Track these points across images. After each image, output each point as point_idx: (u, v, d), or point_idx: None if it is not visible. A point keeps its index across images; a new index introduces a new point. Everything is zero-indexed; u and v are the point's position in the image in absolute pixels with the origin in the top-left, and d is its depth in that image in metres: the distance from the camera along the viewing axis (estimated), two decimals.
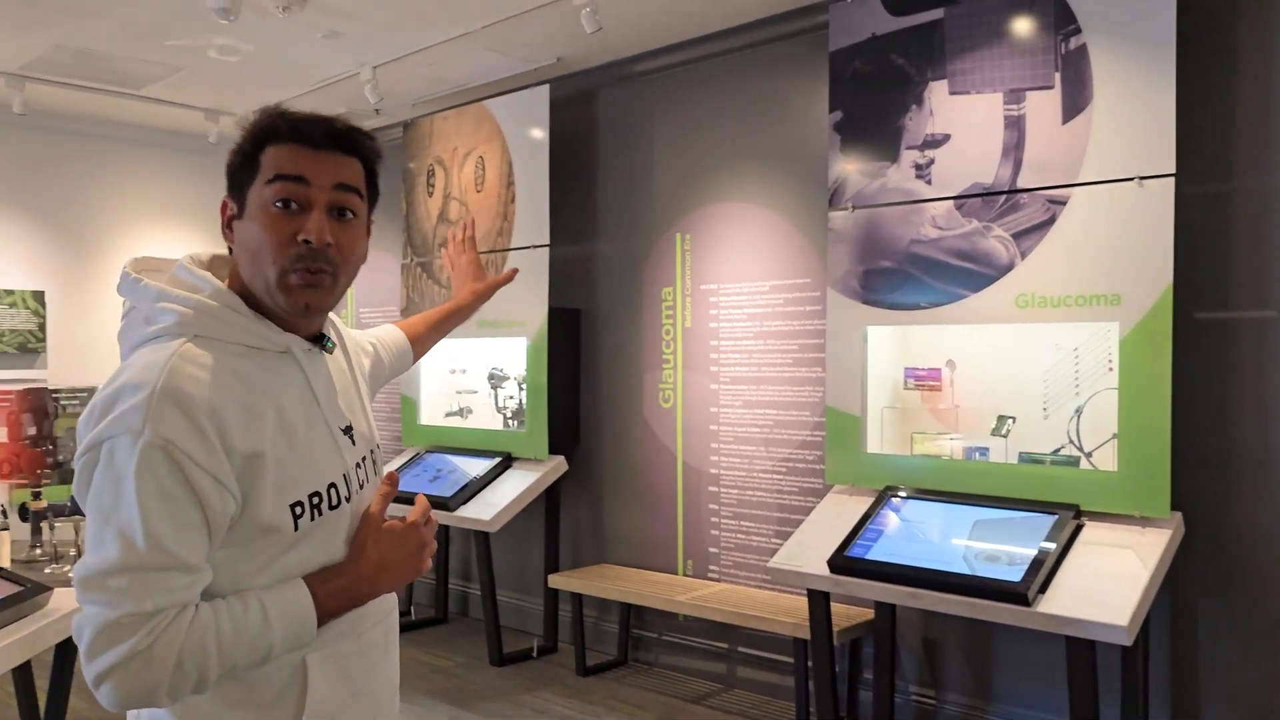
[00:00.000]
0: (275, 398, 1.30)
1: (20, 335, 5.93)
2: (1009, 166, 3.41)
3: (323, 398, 1.38)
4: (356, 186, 1.35)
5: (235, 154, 1.34)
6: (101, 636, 1.14)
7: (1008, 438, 3.58)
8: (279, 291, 1.29)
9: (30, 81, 5.27)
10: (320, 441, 1.35)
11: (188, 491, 1.17)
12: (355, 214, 1.34)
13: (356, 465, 1.41)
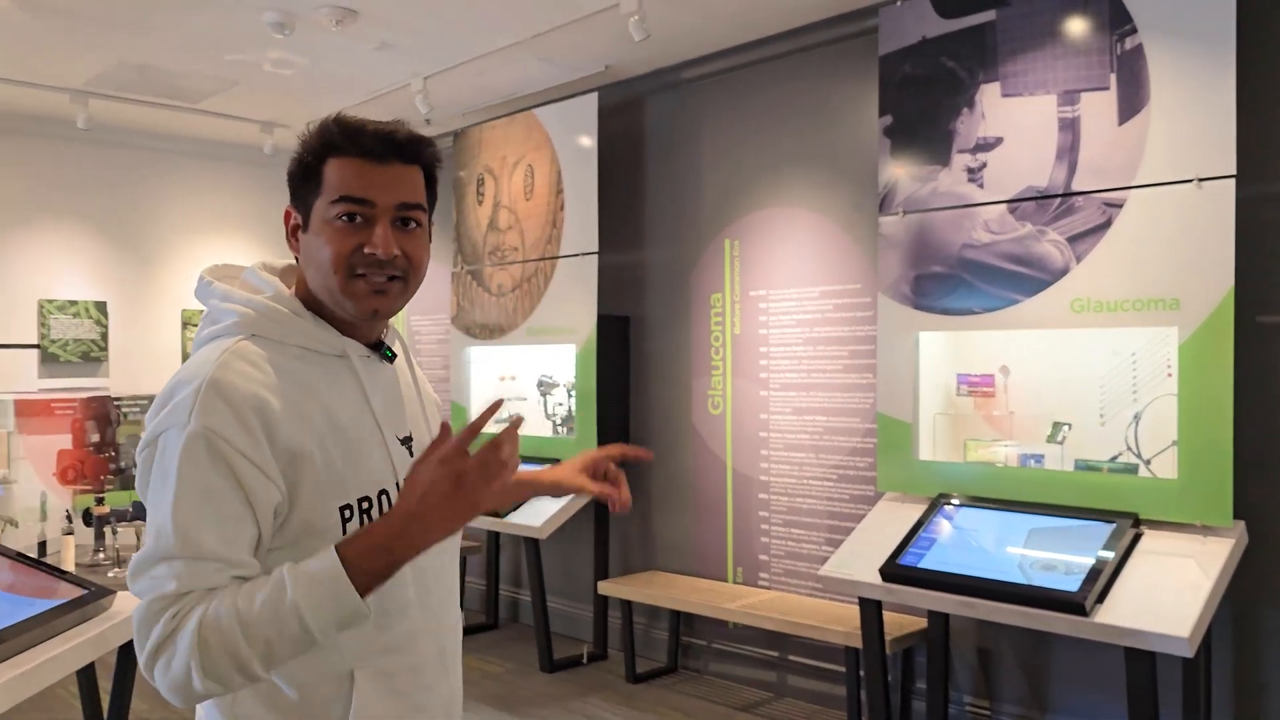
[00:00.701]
0: (326, 400, 1.30)
1: (84, 344, 6.08)
2: (1063, 169, 3.36)
3: (379, 405, 1.37)
4: (419, 201, 1.35)
5: (296, 164, 1.35)
6: (142, 625, 1.17)
7: (1063, 445, 3.52)
8: (346, 298, 1.32)
9: (94, 97, 5.42)
10: (373, 448, 1.34)
11: (231, 482, 1.19)
12: (419, 224, 1.36)
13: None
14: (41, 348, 5.94)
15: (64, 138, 5.95)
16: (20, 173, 5.92)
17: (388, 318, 1.39)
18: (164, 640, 1.15)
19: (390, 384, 1.42)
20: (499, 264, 5.58)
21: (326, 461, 1.27)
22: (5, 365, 5.78)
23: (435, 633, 1.41)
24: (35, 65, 4.97)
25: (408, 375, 1.49)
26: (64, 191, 6.08)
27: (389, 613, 1.33)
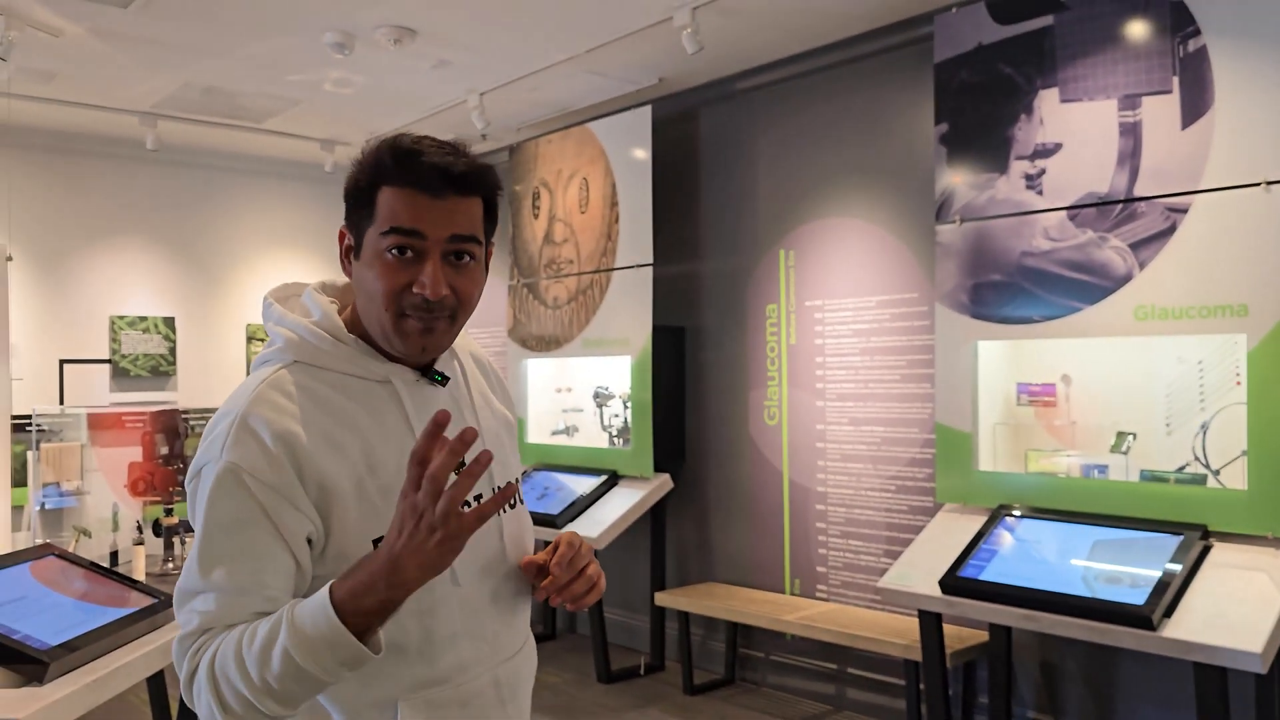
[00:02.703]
0: (365, 429, 1.28)
1: (153, 359, 6.25)
2: (1125, 175, 3.30)
3: (402, 434, 1.31)
4: (473, 234, 1.30)
5: (351, 186, 1.32)
6: (175, 659, 1.22)
7: (1128, 455, 3.45)
8: (395, 336, 1.29)
9: (161, 119, 5.57)
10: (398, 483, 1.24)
11: (259, 514, 1.19)
12: (473, 257, 1.31)
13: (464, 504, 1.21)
14: (113, 362, 6.11)
15: (133, 158, 6.13)
16: (92, 193, 6.11)
17: (437, 354, 1.36)
18: (189, 676, 1.18)
19: (427, 407, 1.35)
20: (555, 277, 5.62)
21: (361, 492, 1.25)
22: (79, 380, 5.95)
23: (490, 665, 1.35)
24: (107, 89, 5.13)
25: (467, 398, 1.43)
26: (133, 210, 6.26)
27: (434, 644, 1.29)
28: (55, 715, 2.11)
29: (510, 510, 1.42)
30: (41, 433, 3.51)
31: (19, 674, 2.20)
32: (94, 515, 3.56)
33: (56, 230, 5.97)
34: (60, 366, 5.90)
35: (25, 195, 5.79)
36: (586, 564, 1.38)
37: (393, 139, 1.29)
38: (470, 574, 1.33)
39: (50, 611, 2.47)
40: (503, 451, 1.44)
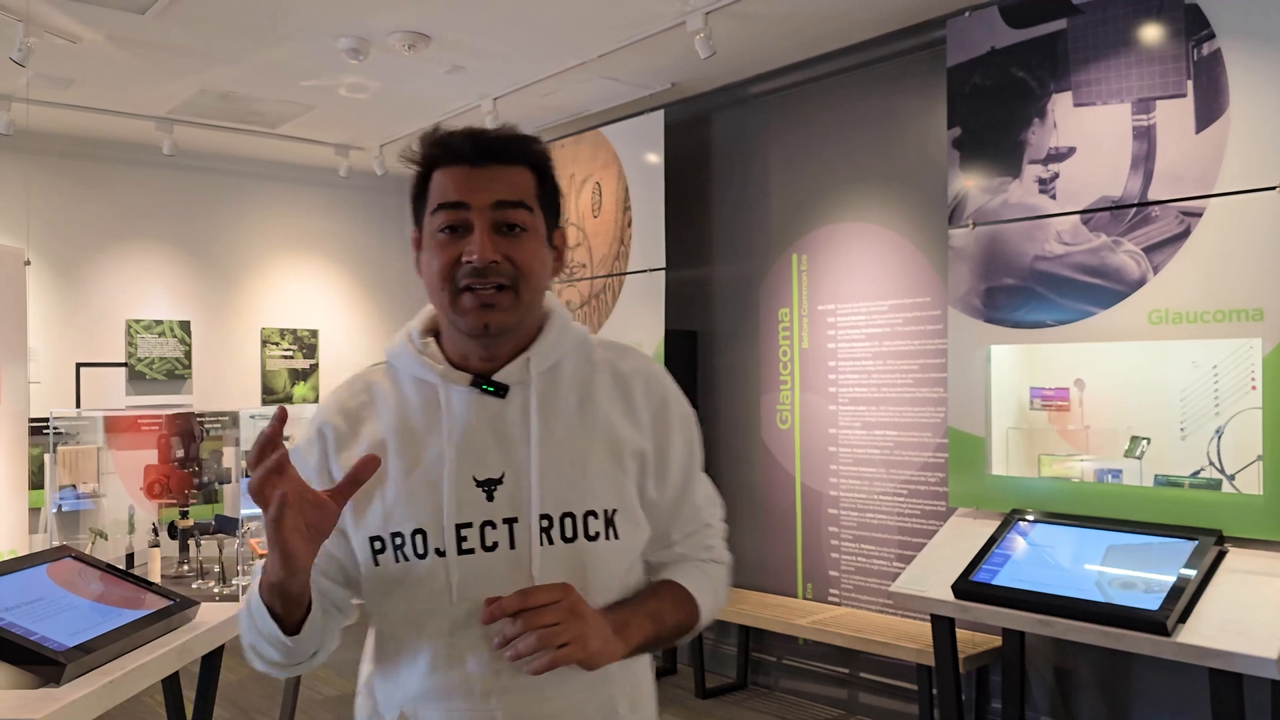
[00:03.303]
0: (416, 430, 1.29)
1: (169, 363, 6.29)
2: (1138, 179, 3.29)
3: (461, 441, 1.28)
4: (520, 199, 1.27)
5: (413, 184, 1.33)
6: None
7: (1142, 459, 3.44)
8: (456, 315, 1.27)
9: (178, 124, 5.61)
10: (431, 485, 1.27)
11: None
12: (524, 227, 1.27)
13: (483, 524, 1.26)
14: (129, 366, 6.16)
15: (150, 163, 6.18)
16: (109, 197, 6.16)
17: (502, 334, 1.28)
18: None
19: (494, 419, 1.29)
20: (567, 281, 5.63)
21: (380, 491, 1.27)
22: (96, 383, 6.00)
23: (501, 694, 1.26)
24: (124, 95, 5.17)
25: (527, 409, 1.31)
26: (150, 215, 6.30)
27: (438, 658, 1.27)
28: (71, 716, 2.13)
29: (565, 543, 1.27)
30: (58, 435, 3.54)
31: (36, 675, 2.21)
32: (110, 517, 3.58)
33: (74, 235, 6.02)
34: (77, 370, 5.94)
35: (43, 200, 5.84)
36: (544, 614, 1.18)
37: (435, 128, 1.32)
38: (471, 595, 1.25)
39: (67, 613, 2.49)
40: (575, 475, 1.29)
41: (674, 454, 1.37)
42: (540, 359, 1.32)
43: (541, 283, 1.31)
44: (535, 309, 1.32)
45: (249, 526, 3.47)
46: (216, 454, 3.82)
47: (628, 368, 1.38)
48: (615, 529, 1.29)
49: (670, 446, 1.37)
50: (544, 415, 1.30)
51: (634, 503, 1.32)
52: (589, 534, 1.27)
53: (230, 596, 3.10)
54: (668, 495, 1.37)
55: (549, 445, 1.29)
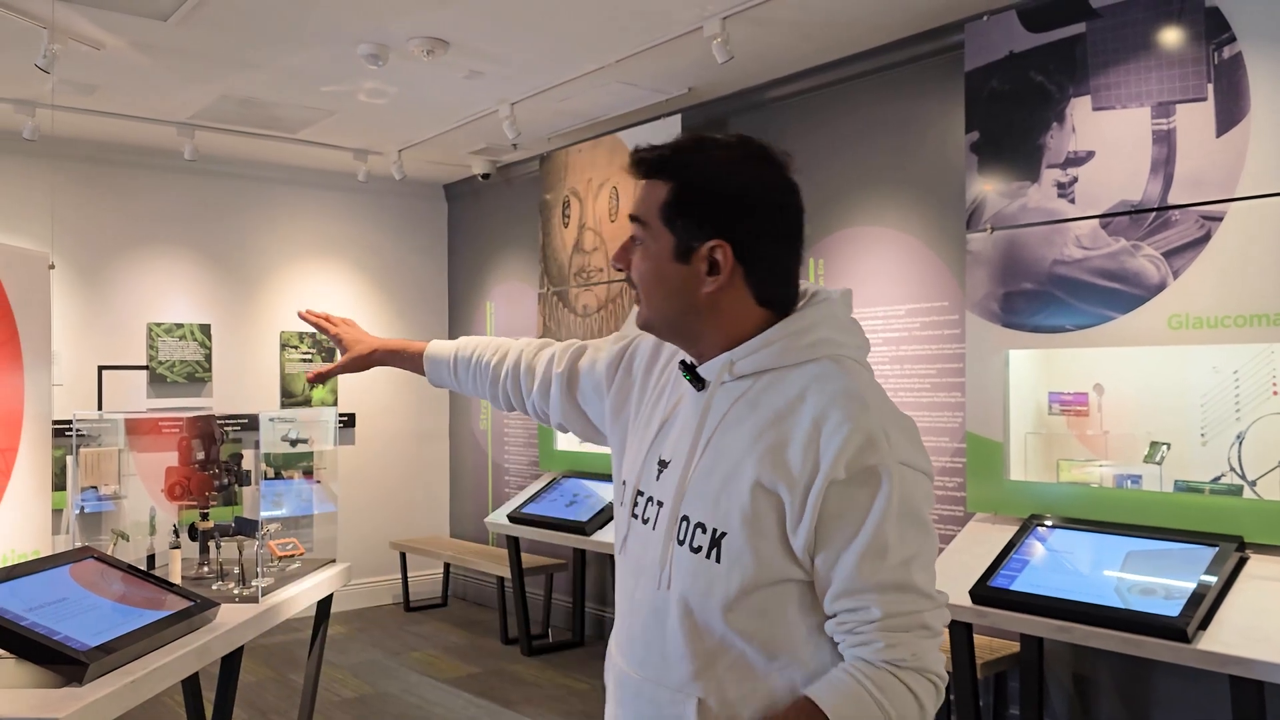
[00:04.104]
0: (660, 394, 1.46)
1: (189, 365, 6.34)
2: (1158, 183, 3.28)
3: (662, 420, 1.43)
4: (639, 215, 1.36)
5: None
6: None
7: (1162, 465, 3.42)
8: None
9: (199, 129, 5.66)
10: (638, 445, 1.46)
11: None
12: (639, 241, 1.37)
13: (648, 496, 1.39)
14: (150, 369, 6.21)
15: (171, 169, 6.23)
16: (131, 202, 6.21)
17: (652, 331, 1.41)
18: None
19: (689, 406, 1.38)
20: (584, 285, 5.65)
21: (630, 438, 1.50)
22: (117, 386, 6.05)
23: (618, 655, 1.45)
24: (146, 101, 5.22)
25: (701, 411, 1.34)
26: (171, 219, 6.35)
27: (619, 593, 1.46)
28: (94, 715, 2.15)
29: (692, 552, 1.30)
30: (81, 438, 3.57)
31: (59, 674, 2.24)
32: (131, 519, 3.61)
33: (97, 239, 6.07)
34: (99, 373, 6.00)
35: (67, 205, 5.89)
36: None
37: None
38: (630, 560, 1.42)
39: (89, 613, 2.51)
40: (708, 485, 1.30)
41: (832, 511, 1.23)
42: (743, 363, 1.32)
43: (659, 295, 1.34)
44: (671, 319, 1.36)
45: (268, 529, 3.49)
46: (236, 456, 3.84)
47: (820, 407, 1.26)
48: (719, 551, 1.27)
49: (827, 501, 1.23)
50: (714, 418, 1.33)
51: (753, 540, 1.26)
52: (693, 545, 1.30)
53: (250, 598, 3.12)
54: (820, 554, 1.25)
55: (708, 448, 1.32)
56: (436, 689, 5.08)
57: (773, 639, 1.27)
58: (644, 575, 1.37)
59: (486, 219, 7.09)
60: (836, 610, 1.25)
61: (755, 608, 1.27)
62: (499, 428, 6.85)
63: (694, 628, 1.30)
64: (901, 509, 1.23)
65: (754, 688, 1.28)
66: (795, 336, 1.31)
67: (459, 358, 1.80)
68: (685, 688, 1.30)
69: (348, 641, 6.03)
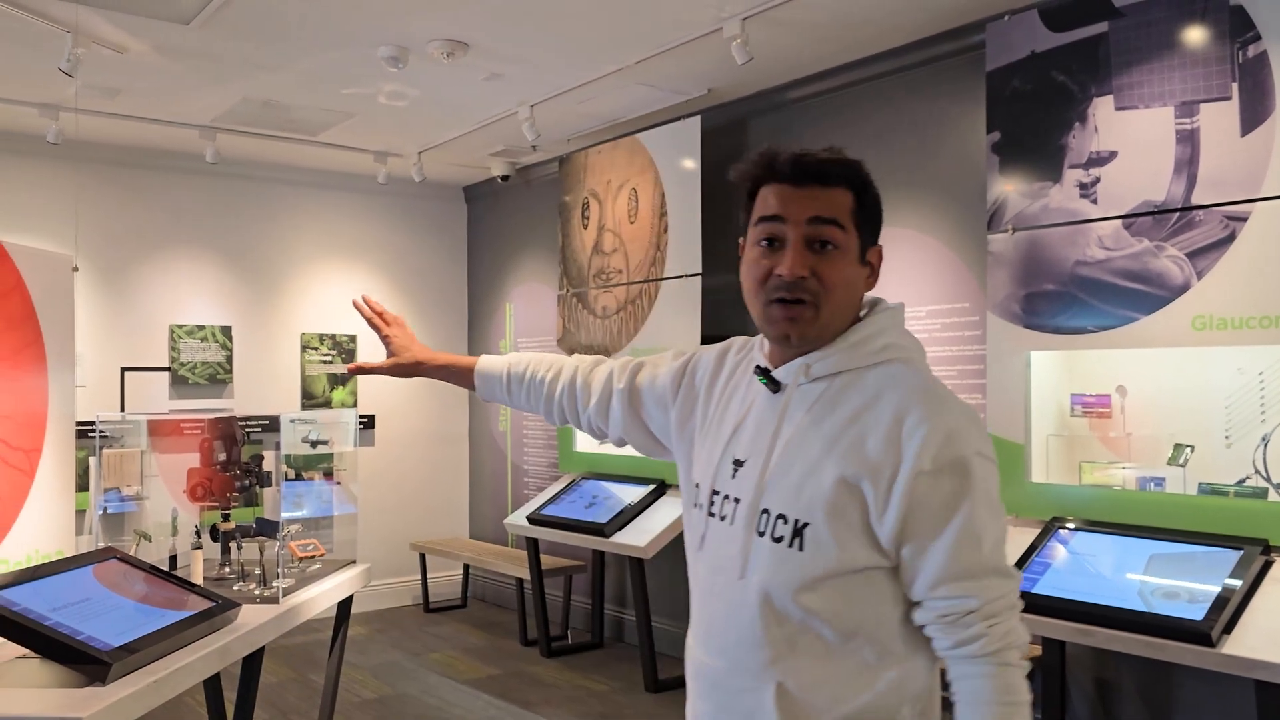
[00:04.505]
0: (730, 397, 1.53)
1: (210, 367, 6.38)
2: (1182, 183, 3.25)
3: (736, 420, 1.48)
4: (834, 218, 1.38)
5: (744, 197, 1.48)
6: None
7: (1185, 467, 3.39)
8: (763, 323, 1.43)
9: (220, 132, 5.70)
10: (710, 448, 1.52)
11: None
12: (835, 245, 1.38)
13: (724, 494, 1.45)
14: (172, 370, 6.25)
15: (193, 171, 6.28)
16: (154, 205, 6.26)
17: (801, 343, 1.41)
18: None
19: (763, 408, 1.45)
20: (604, 286, 5.65)
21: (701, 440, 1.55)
22: (139, 387, 6.10)
23: (698, 649, 1.51)
24: (168, 104, 5.26)
25: (795, 410, 1.41)
26: (193, 222, 6.40)
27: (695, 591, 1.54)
28: (117, 715, 2.16)
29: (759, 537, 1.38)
30: (104, 439, 3.60)
31: (83, 673, 2.26)
32: (153, 520, 3.64)
33: (119, 241, 6.12)
34: (122, 374, 6.05)
35: (90, 207, 5.95)
36: None
37: (764, 149, 1.45)
38: (708, 556, 1.49)
39: (112, 613, 2.53)
40: (788, 479, 1.38)
41: (919, 501, 1.31)
42: (819, 366, 1.41)
43: (845, 298, 1.40)
44: (838, 322, 1.41)
45: (289, 530, 3.51)
46: (257, 457, 3.86)
47: (899, 404, 1.34)
48: (802, 540, 1.35)
49: (913, 492, 1.31)
50: (796, 418, 1.41)
51: (839, 529, 1.33)
52: (774, 536, 1.37)
53: (271, 599, 3.13)
54: (909, 545, 1.33)
55: (787, 445, 1.40)
56: (456, 690, 5.09)
57: (849, 623, 1.35)
58: (723, 569, 1.44)
59: (506, 221, 7.11)
60: (933, 598, 1.33)
61: (834, 593, 1.35)
62: (518, 430, 6.86)
63: (773, 615, 1.37)
64: (986, 497, 1.33)
65: (829, 671, 1.36)
66: (867, 341, 1.40)
67: (512, 374, 1.85)
68: (763, 674, 1.37)
69: (368, 642, 6.05)
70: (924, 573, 1.32)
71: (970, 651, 1.31)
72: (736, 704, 1.40)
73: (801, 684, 1.36)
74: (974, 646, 1.31)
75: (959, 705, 1.33)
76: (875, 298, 1.48)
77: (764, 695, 1.36)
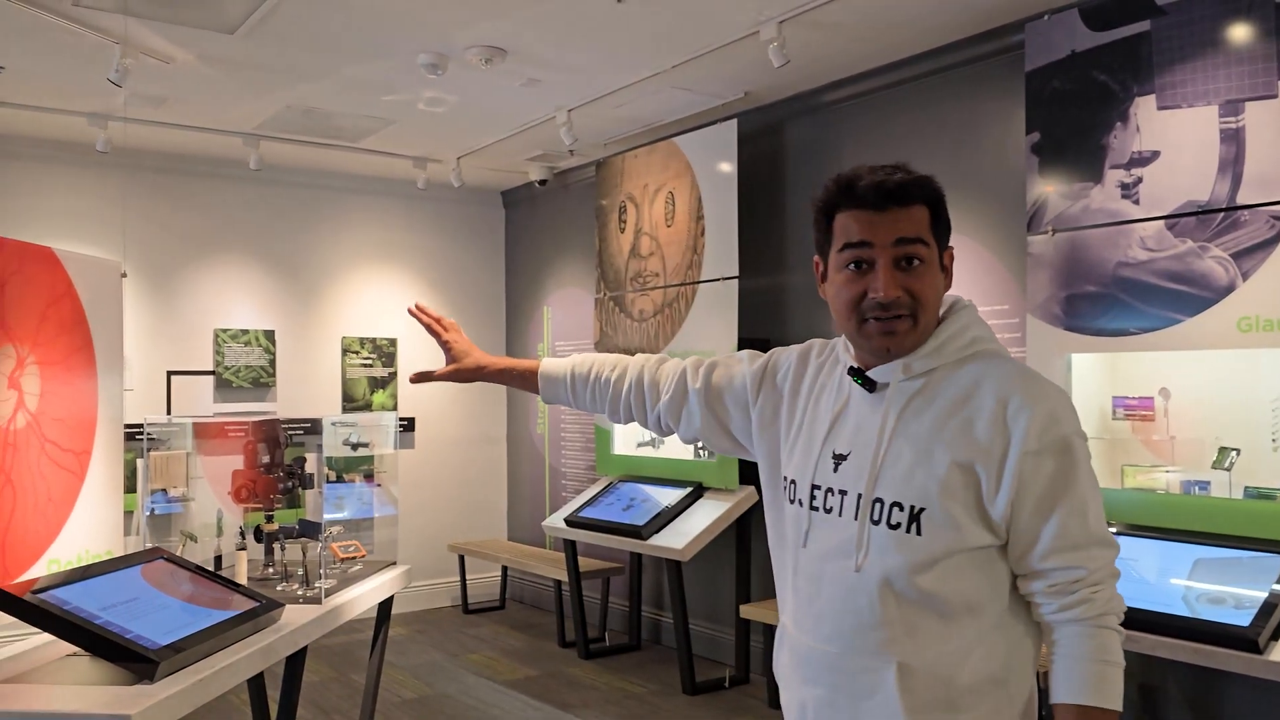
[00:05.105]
0: (819, 396, 1.60)
1: (254, 371, 6.48)
2: (1226, 183, 3.20)
3: (833, 417, 1.55)
4: (918, 236, 1.46)
5: (815, 220, 1.55)
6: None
7: (1231, 471, 3.34)
8: (862, 339, 1.51)
9: (263, 140, 5.79)
10: (805, 445, 1.59)
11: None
12: (921, 260, 1.46)
13: (827, 488, 1.52)
14: (217, 374, 6.35)
15: (237, 178, 6.38)
16: (199, 211, 6.37)
17: (902, 353, 1.49)
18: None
19: (861, 406, 1.53)
20: (641, 290, 5.66)
21: (790, 438, 1.62)
22: (185, 391, 6.20)
23: (801, 643, 1.56)
24: (213, 112, 5.35)
25: (896, 405, 1.49)
26: (237, 227, 6.50)
27: (794, 584, 1.58)
28: (164, 712, 2.20)
29: (874, 525, 1.46)
30: (151, 441, 3.67)
31: (131, 671, 2.30)
32: (199, 521, 3.69)
33: (166, 247, 6.23)
34: (168, 378, 6.14)
35: (138, 214, 6.06)
36: None
37: (838, 175, 1.51)
38: (815, 547, 1.53)
39: (159, 612, 2.58)
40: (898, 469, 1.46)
41: (1028, 480, 1.41)
42: (919, 365, 1.49)
43: (935, 306, 1.49)
44: (930, 328, 1.50)
45: (331, 531, 3.55)
46: (300, 460, 3.91)
47: (1000, 390, 1.44)
48: (919, 526, 1.43)
49: (1023, 471, 1.41)
50: (894, 412, 1.49)
51: (952, 511, 1.42)
52: (891, 522, 1.45)
53: (313, 599, 3.18)
54: (1019, 521, 1.42)
55: (894, 438, 1.48)
56: (494, 691, 5.13)
57: (962, 600, 1.44)
58: (832, 559, 1.51)
59: (543, 225, 7.15)
60: (1045, 568, 1.43)
61: (948, 573, 1.43)
62: (556, 432, 6.89)
63: (891, 597, 1.45)
64: (1088, 473, 1.45)
65: (945, 647, 1.44)
66: (956, 337, 1.50)
67: (576, 375, 1.90)
68: (881, 654, 1.45)
69: (408, 643, 6.11)
70: (1036, 546, 1.42)
71: (1075, 615, 1.42)
72: (854, 685, 1.47)
73: (920, 661, 1.44)
74: (1078, 610, 1.41)
75: (1056, 661, 1.43)
76: (951, 296, 1.56)
77: (884, 674, 1.44)
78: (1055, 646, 1.45)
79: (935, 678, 1.43)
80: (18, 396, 3.04)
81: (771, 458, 1.68)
